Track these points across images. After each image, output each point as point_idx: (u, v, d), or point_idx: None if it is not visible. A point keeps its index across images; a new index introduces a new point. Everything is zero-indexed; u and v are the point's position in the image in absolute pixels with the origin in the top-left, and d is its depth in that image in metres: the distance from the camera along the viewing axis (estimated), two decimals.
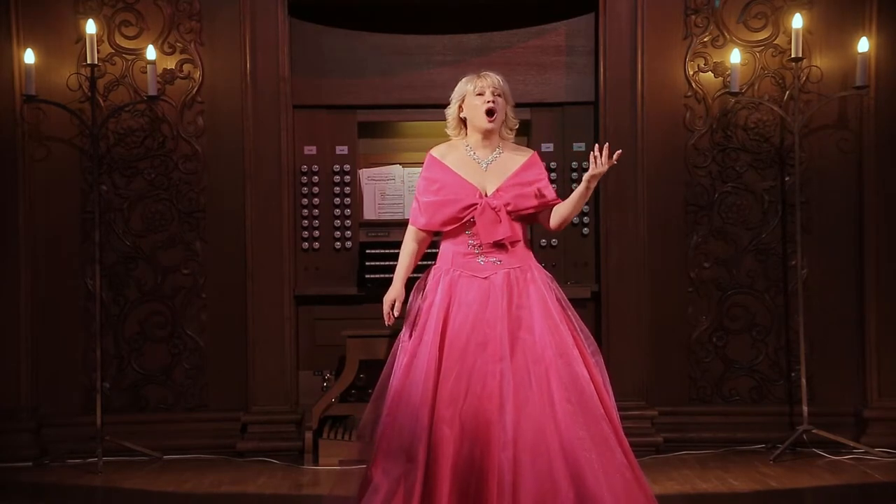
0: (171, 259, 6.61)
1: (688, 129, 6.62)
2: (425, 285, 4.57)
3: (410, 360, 4.44)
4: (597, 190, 6.62)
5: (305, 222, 6.69)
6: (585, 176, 4.49)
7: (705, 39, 6.60)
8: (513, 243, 4.51)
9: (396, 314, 4.55)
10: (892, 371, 6.48)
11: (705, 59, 6.60)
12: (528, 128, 6.78)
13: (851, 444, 6.32)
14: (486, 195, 4.52)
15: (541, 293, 4.47)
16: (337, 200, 6.70)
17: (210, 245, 6.63)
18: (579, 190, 4.51)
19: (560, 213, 4.57)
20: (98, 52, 6.35)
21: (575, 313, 4.57)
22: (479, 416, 4.28)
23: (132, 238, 6.59)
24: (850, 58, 6.46)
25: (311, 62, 6.70)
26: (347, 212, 6.70)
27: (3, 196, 6.45)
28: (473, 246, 4.52)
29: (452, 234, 4.56)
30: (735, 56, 6.41)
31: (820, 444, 6.29)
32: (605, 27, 6.55)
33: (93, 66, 6.31)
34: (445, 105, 6.14)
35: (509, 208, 4.50)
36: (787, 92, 6.53)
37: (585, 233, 6.70)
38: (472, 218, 4.50)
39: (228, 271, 6.60)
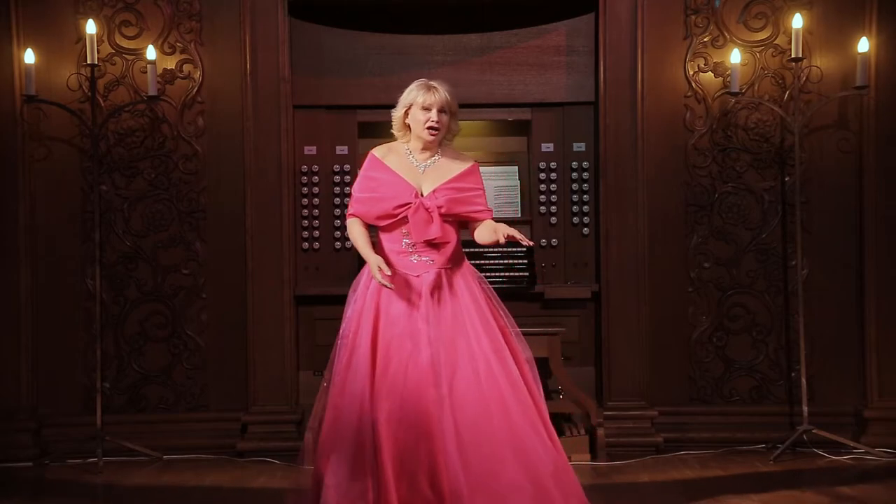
0: (171, 259, 6.61)
1: (688, 129, 6.62)
2: (360, 282, 4.68)
3: (349, 355, 4.56)
4: (597, 190, 6.65)
5: (305, 222, 6.69)
6: (504, 231, 4.52)
7: (705, 39, 6.60)
8: (445, 244, 4.61)
9: (388, 272, 4.56)
10: (892, 371, 6.48)
11: (705, 59, 6.60)
12: (528, 128, 6.79)
13: (851, 444, 6.32)
14: (421, 195, 4.62)
15: (474, 294, 4.60)
16: (337, 200, 6.70)
17: (210, 245, 6.63)
18: (492, 237, 4.58)
19: (483, 235, 4.65)
20: (98, 52, 6.35)
21: (508, 314, 4.67)
22: (417, 409, 4.40)
23: (132, 238, 6.59)
24: (850, 58, 6.46)
25: (311, 62, 6.71)
26: None
27: (3, 196, 6.45)
28: (408, 244, 4.62)
29: (389, 232, 4.66)
30: (735, 56, 6.41)
31: (820, 444, 6.29)
32: (605, 27, 6.55)
33: (93, 66, 6.31)
34: None
35: (442, 210, 4.60)
36: (787, 92, 6.53)
37: (585, 233, 6.70)
38: (406, 216, 4.60)
39: (228, 271, 6.60)
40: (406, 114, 4.70)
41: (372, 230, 4.74)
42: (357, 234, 4.70)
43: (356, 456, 4.41)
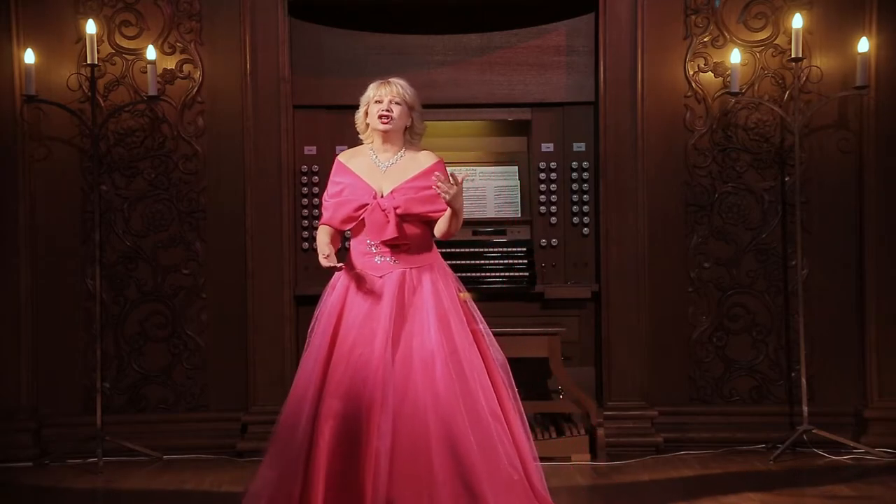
0: (171, 259, 6.61)
1: (688, 129, 6.62)
2: (330, 283, 4.70)
3: (308, 357, 4.59)
4: (597, 190, 6.65)
5: (305, 222, 6.69)
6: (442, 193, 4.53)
7: (705, 39, 6.60)
8: (408, 244, 4.60)
9: (330, 262, 4.59)
10: (892, 371, 6.48)
11: (705, 59, 6.60)
12: (528, 128, 6.79)
13: (851, 444, 6.32)
14: (381, 196, 4.62)
15: (438, 295, 4.56)
16: None
17: (210, 245, 6.63)
18: (445, 217, 4.58)
19: (440, 227, 4.65)
20: (98, 52, 6.35)
21: (481, 317, 4.65)
22: (360, 409, 4.39)
23: (132, 238, 6.59)
24: (850, 58, 6.46)
25: (311, 62, 6.70)
26: None
27: (3, 196, 6.45)
28: (371, 245, 4.62)
29: (356, 236, 4.68)
30: (735, 56, 6.41)
31: (820, 444, 6.29)
32: (605, 27, 6.55)
33: (93, 66, 6.31)
34: (446, 105, 6.16)
35: (399, 210, 4.58)
36: (787, 92, 6.53)
37: (585, 233, 6.70)
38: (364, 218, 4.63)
39: (228, 271, 6.60)
40: (366, 113, 4.73)
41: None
42: (318, 236, 4.73)
43: (293, 449, 4.42)
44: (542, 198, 6.70)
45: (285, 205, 6.56)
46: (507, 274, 6.61)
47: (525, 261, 6.62)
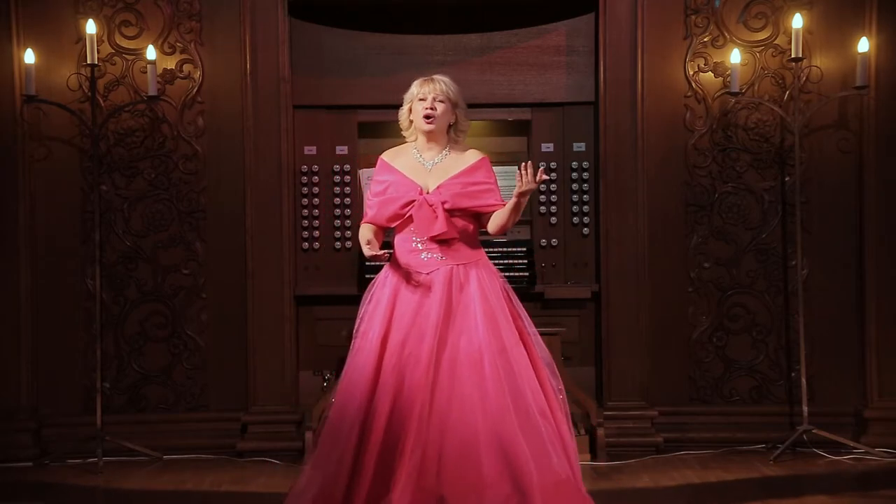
0: (171, 259, 6.61)
1: (688, 129, 6.62)
2: (377, 280, 4.68)
3: (356, 352, 4.58)
4: (597, 190, 6.64)
5: (305, 222, 6.69)
6: (514, 191, 4.53)
7: (705, 39, 6.60)
8: (455, 240, 4.59)
9: (373, 249, 4.57)
10: (892, 371, 6.48)
11: (705, 59, 6.60)
12: (528, 128, 6.79)
13: (851, 444, 6.32)
14: (427, 192, 4.61)
15: (483, 292, 4.55)
16: (337, 200, 6.71)
17: (210, 245, 6.63)
18: (511, 202, 4.57)
19: (495, 221, 4.64)
20: (98, 52, 6.35)
21: (527, 315, 4.66)
22: (407, 407, 4.38)
23: (132, 238, 6.59)
24: (850, 58, 6.46)
25: (311, 62, 6.71)
26: (347, 212, 6.70)
27: (3, 196, 6.45)
28: (417, 242, 4.61)
29: (400, 232, 4.67)
30: (735, 56, 6.41)
31: (820, 444, 6.29)
32: (605, 27, 6.56)
33: (93, 66, 6.31)
34: None
35: (447, 206, 4.58)
36: (787, 92, 6.53)
37: (585, 233, 6.70)
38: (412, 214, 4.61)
39: (228, 271, 6.60)
40: (410, 111, 4.72)
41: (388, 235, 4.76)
42: (361, 231, 4.71)
43: (338, 450, 4.40)
44: (542, 198, 6.70)
45: (285, 205, 6.56)
46: (507, 274, 6.55)
47: (525, 261, 6.62)
